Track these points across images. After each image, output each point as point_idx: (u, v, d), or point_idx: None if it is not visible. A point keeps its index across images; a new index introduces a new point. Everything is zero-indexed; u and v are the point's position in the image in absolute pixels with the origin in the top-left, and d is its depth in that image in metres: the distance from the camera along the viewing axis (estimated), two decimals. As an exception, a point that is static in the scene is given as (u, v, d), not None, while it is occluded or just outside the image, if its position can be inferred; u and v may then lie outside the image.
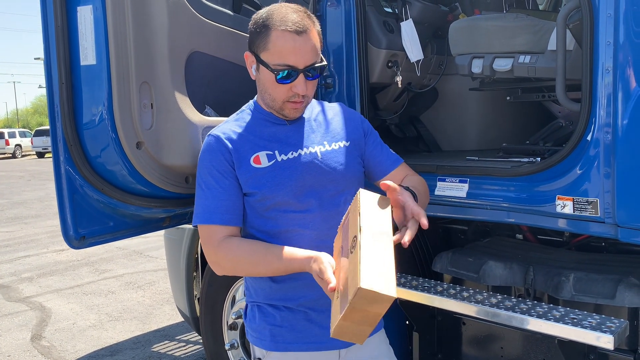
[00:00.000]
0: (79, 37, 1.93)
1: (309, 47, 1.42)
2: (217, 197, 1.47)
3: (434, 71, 2.93)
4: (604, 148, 1.77)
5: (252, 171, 1.48)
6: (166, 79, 2.05)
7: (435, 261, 2.40)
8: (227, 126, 1.55)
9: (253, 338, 1.59)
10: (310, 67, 1.43)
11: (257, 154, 1.49)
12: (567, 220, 1.92)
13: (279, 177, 1.48)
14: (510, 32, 2.35)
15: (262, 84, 1.49)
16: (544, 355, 2.11)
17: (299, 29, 1.39)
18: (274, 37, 1.40)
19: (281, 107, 1.48)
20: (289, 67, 1.40)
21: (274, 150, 1.51)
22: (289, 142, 1.53)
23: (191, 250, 3.33)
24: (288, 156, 1.51)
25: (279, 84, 1.43)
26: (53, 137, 2.00)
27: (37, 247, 7.85)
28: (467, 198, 2.17)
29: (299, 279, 1.48)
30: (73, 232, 2.04)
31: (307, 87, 1.45)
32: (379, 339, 1.67)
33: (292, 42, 1.39)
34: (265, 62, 1.42)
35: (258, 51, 1.44)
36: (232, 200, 1.48)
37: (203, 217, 1.48)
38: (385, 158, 1.65)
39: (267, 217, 1.50)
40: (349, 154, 1.58)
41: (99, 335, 4.47)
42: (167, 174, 2.11)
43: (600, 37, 1.74)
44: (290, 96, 1.45)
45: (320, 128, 1.59)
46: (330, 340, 1.49)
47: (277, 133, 1.53)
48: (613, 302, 1.89)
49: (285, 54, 1.40)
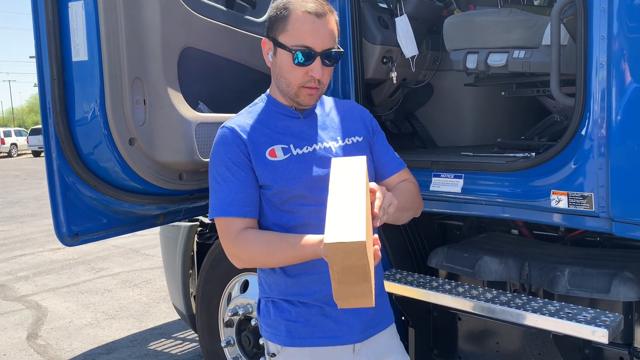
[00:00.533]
0: (71, 33, 1.92)
1: (327, 30, 1.43)
2: (234, 190, 1.47)
3: (429, 67, 2.93)
4: (599, 142, 1.77)
5: (268, 164, 1.48)
6: (159, 75, 2.04)
7: (431, 257, 2.40)
8: (241, 118, 1.55)
9: (267, 333, 1.59)
10: (328, 52, 1.44)
11: (273, 147, 1.49)
12: (562, 215, 1.92)
13: (295, 170, 1.48)
14: (504, 27, 2.34)
15: (279, 69, 1.49)
16: (539, 349, 2.11)
17: (319, 11, 1.42)
18: (294, 18, 1.42)
19: (296, 92, 1.48)
20: (307, 48, 1.42)
21: (289, 144, 1.51)
22: (303, 136, 1.53)
23: (187, 247, 3.32)
24: (303, 150, 1.51)
25: (296, 67, 1.44)
26: (45, 133, 1.99)
27: (33, 246, 7.83)
28: (462, 193, 2.17)
29: (313, 274, 1.49)
30: (66, 230, 2.03)
31: (323, 72, 1.45)
32: (390, 334, 1.68)
33: (311, 24, 1.41)
34: (283, 44, 1.44)
35: (276, 35, 1.45)
36: (249, 192, 1.48)
37: (220, 210, 1.47)
38: (390, 160, 1.67)
39: (283, 210, 1.50)
40: (362, 150, 1.60)
41: (95, 334, 4.46)
42: (161, 170, 2.10)
43: (594, 32, 1.74)
44: (306, 81, 1.46)
45: (333, 123, 1.60)
46: (345, 335, 1.52)
47: (291, 127, 1.54)
48: (608, 296, 1.89)
49: (303, 35, 1.41)
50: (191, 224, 3.32)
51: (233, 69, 2.48)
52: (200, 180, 2.32)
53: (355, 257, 1.09)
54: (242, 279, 2.86)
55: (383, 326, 1.63)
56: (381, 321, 1.62)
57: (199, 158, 2.21)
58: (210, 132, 2.23)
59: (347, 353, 1.55)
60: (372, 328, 1.58)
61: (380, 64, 2.68)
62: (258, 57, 2.62)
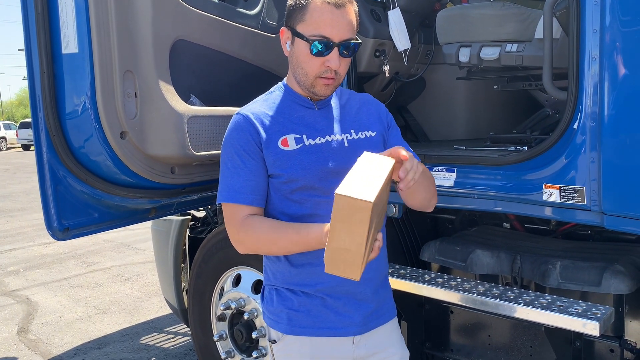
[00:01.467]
0: (60, 25, 1.90)
1: (346, 21, 1.43)
2: (242, 177, 1.48)
3: (422, 60, 2.93)
4: (591, 136, 1.78)
5: (280, 153, 1.48)
6: (150, 68, 2.02)
7: (423, 250, 2.41)
8: (256, 106, 1.55)
9: (270, 320, 1.61)
10: (345, 43, 1.44)
11: (285, 137, 1.49)
12: (553, 209, 1.93)
13: (306, 161, 1.48)
14: (497, 21, 2.34)
15: (296, 58, 1.48)
16: (530, 342, 2.12)
17: (337, 1, 1.41)
18: (312, 8, 1.42)
19: (313, 83, 1.48)
20: (325, 38, 1.41)
21: (302, 134, 1.51)
22: (317, 127, 1.53)
23: (179, 241, 3.31)
24: (316, 141, 1.51)
25: (313, 57, 1.43)
26: (35, 127, 1.97)
27: (23, 240, 7.77)
28: (455, 187, 2.18)
29: (317, 265, 1.48)
30: (57, 224, 2.01)
31: (340, 63, 1.45)
32: (391, 327, 1.68)
33: (329, 14, 1.41)
34: (300, 34, 1.43)
35: (295, 24, 1.45)
36: (257, 181, 1.49)
37: (228, 195, 1.49)
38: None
39: (292, 200, 1.51)
40: (374, 144, 1.59)
41: (87, 328, 4.44)
42: (152, 164, 2.09)
43: (587, 25, 1.74)
44: (322, 71, 1.45)
45: (348, 116, 1.60)
46: (345, 327, 1.54)
47: (305, 117, 1.54)
48: (599, 289, 1.91)
49: (321, 24, 1.41)
50: (183, 218, 3.31)
51: (225, 61, 2.46)
52: (192, 174, 2.31)
53: (358, 217, 1.12)
54: (235, 273, 2.85)
55: (384, 320, 1.63)
56: (382, 314, 1.63)
57: (190, 152, 2.19)
58: (202, 125, 2.22)
59: (346, 344, 1.57)
60: (372, 321, 1.59)
61: (373, 57, 2.68)
62: (250, 50, 2.62)
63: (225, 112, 2.35)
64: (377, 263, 1.58)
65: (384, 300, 1.64)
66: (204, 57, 2.35)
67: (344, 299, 1.53)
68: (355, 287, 1.52)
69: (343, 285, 1.51)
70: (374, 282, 1.57)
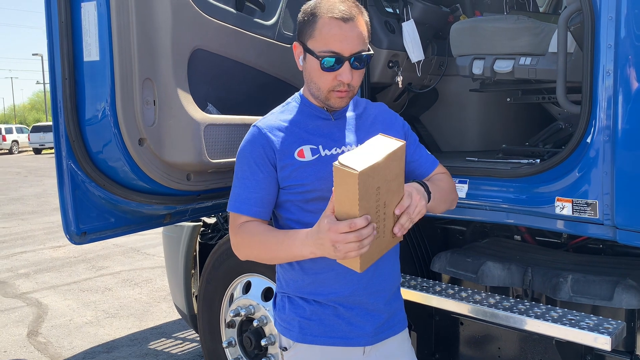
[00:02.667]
0: (83, 33, 1.94)
1: (355, 34, 1.43)
2: (249, 189, 1.51)
3: (435, 72, 2.94)
4: (604, 150, 1.78)
5: (297, 164, 1.49)
6: (169, 76, 2.06)
7: (434, 261, 2.41)
8: (272, 118, 1.57)
9: (281, 328, 1.62)
10: (357, 56, 1.44)
11: (302, 148, 1.51)
12: (566, 222, 1.93)
13: (322, 171, 1.49)
14: (511, 34, 2.36)
15: (309, 73, 1.50)
16: (540, 355, 2.12)
17: (345, 16, 1.41)
18: (320, 24, 1.42)
19: (326, 96, 1.49)
20: (334, 53, 1.42)
21: (318, 144, 1.52)
22: (333, 137, 1.54)
23: (190, 247, 3.33)
24: (332, 152, 1.52)
25: (324, 72, 1.44)
26: (55, 132, 2.00)
27: (34, 244, 7.83)
28: (467, 199, 2.18)
29: (330, 273, 1.51)
30: (74, 228, 2.04)
31: (352, 76, 1.45)
32: (402, 338, 1.68)
33: (337, 29, 1.41)
34: (311, 50, 1.44)
35: (305, 40, 1.46)
36: (262, 194, 1.51)
37: (234, 205, 1.53)
38: (424, 161, 1.67)
39: (307, 210, 1.52)
40: None
41: (96, 332, 4.47)
42: (169, 170, 2.11)
43: (602, 40, 1.75)
44: (335, 85, 1.46)
45: (364, 126, 1.60)
46: (356, 337, 1.54)
47: (321, 127, 1.55)
48: (610, 303, 1.90)
49: (330, 40, 1.41)
50: (194, 224, 3.33)
51: (241, 71, 2.49)
52: (207, 181, 2.33)
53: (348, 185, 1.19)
54: (245, 280, 2.87)
55: (395, 331, 1.63)
56: (393, 325, 1.63)
57: (206, 159, 2.22)
58: (219, 133, 2.25)
59: (357, 354, 1.57)
60: (383, 332, 1.59)
61: (386, 68, 2.70)
62: (266, 60, 2.66)
63: (241, 121, 2.38)
64: (389, 274, 1.59)
65: (395, 311, 1.64)
66: (222, 67, 2.39)
67: (356, 309, 1.53)
68: (367, 297, 1.53)
69: (355, 296, 1.52)
70: (386, 292, 1.58)
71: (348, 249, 1.24)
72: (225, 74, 2.41)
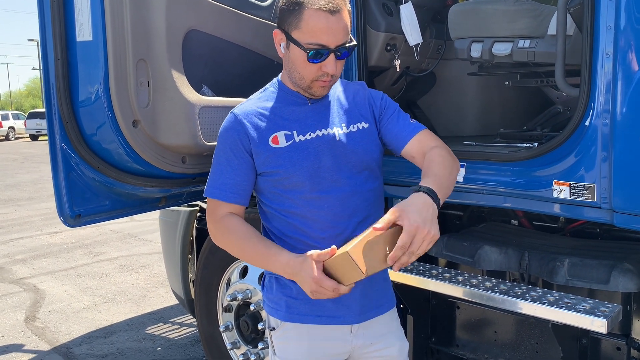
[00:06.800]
0: (75, 13, 1.91)
1: (341, 26, 1.42)
2: (225, 175, 1.52)
3: (433, 55, 2.91)
4: (602, 134, 1.77)
5: (270, 151, 1.49)
6: (163, 57, 2.03)
7: (431, 245, 2.40)
8: (249, 104, 1.57)
9: (269, 308, 1.63)
10: (341, 47, 1.43)
11: (276, 134, 1.50)
12: (563, 206, 1.92)
13: (296, 157, 1.49)
14: (510, 16, 2.33)
15: (291, 63, 1.49)
16: (536, 339, 2.12)
17: (332, 8, 1.39)
18: (307, 15, 1.39)
19: (309, 85, 1.49)
20: (321, 46, 1.41)
21: (292, 130, 1.51)
22: (307, 122, 1.53)
23: (186, 232, 3.33)
24: (306, 137, 1.51)
25: (310, 63, 1.44)
26: (48, 114, 1.98)
27: (31, 229, 7.83)
28: (464, 183, 2.17)
29: None
30: (69, 211, 2.03)
31: (336, 66, 1.45)
32: (390, 318, 1.70)
33: (325, 22, 1.39)
34: (296, 41, 1.42)
35: (289, 29, 1.44)
36: (238, 180, 1.52)
37: (210, 191, 1.55)
38: (402, 127, 1.59)
39: (284, 196, 1.52)
40: (368, 136, 1.59)
41: (93, 317, 4.48)
42: (164, 153, 2.10)
43: (601, 22, 1.73)
44: (319, 75, 1.46)
45: (340, 109, 1.59)
46: (343, 315, 1.56)
47: (296, 112, 1.54)
48: (607, 287, 1.90)
49: (318, 33, 1.40)
50: (191, 209, 3.32)
51: (237, 52, 2.46)
52: (203, 164, 2.31)
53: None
54: (242, 264, 2.87)
55: (382, 310, 1.65)
56: (381, 305, 1.64)
57: (202, 141, 2.20)
58: (214, 115, 2.23)
59: (344, 333, 1.58)
60: (370, 311, 1.61)
61: (384, 51, 2.67)
62: (262, 41, 2.62)
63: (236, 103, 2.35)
64: None
65: (383, 290, 1.65)
66: (217, 48, 2.36)
67: None
68: None
69: None
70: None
71: (323, 296, 1.35)
72: (221, 55, 2.38)
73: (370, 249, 1.25)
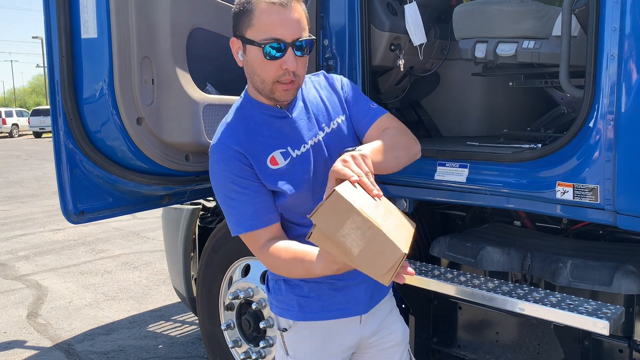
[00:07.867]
0: (80, 10, 1.91)
1: (295, 19, 1.39)
2: (249, 202, 1.44)
3: (437, 55, 2.91)
4: (606, 135, 1.76)
5: (272, 173, 1.46)
6: (167, 55, 2.03)
7: (433, 245, 2.41)
8: (229, 131, 1.48)
9: (279, 309, 1.62)
10: (299, 42, 1.40)
11: (272, 155, 1.47)
12: (566, 207, 1.92)
13: (297, 173, 1.48)
14: (514, 17, 2.33)
15: (251, 66, 1.44)
16: (538, 340, 2.12)
17: (282, 1, 1.37)
18: (258, 11, 1.37)
19: (271, 89, 1.44)
20: (277, 39, 1.37)
21: (286, 147, 1.49)
22: (297, 135, 1.51)
23: (189, 230, 3.33)
24: (301, 150, 1.50)
25: (268, 61, 1.39)
26: (53, 111, 1.99)
27: (34, 226, 7.85)
28: (467, 183, 2.17)
29: None
30: (72, 207, 2.03)
31: (297, 63, 1.41)
32: (390, 306, 1.75)
33: (277, 15, 1.37)
34: (251, 40, 1.39)
35: (243, 31, 1.41)
36: (264, 199, 1.46)
37: (242, 226, 1.46)
38: (363, 115, 1.60)
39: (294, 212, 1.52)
40: (348, 127, 1.59)
41: (95, 314, 4.49)
42: (167, 150, 2.10)
43: (606, 23, 1.72)
44: (280, 75, 1.41)
45: (318, 111, 1.57)
46: (352, 307, 1.58)
47: (282, 128, 1.51)
48: (609, 288, 1.90)
49: (271, 27, 1.37)
50: (193, 207, 3.33)
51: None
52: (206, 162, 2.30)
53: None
54: (244, 263, 2.87)
55: (383, 293, 1.69)
56: (379, 289, 1.67)
57: (205, 139, 2.21)
58: (218, 114, 2.23)
59: (354, 324, 1.61)
60: (374, 296, 1.64)
61: (388, 51, 2.67)
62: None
63: (240, 101, 2.36)
64: None
65: None
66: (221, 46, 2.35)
67: (350, 279, 1.56)
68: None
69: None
70: None
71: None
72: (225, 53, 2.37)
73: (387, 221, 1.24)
